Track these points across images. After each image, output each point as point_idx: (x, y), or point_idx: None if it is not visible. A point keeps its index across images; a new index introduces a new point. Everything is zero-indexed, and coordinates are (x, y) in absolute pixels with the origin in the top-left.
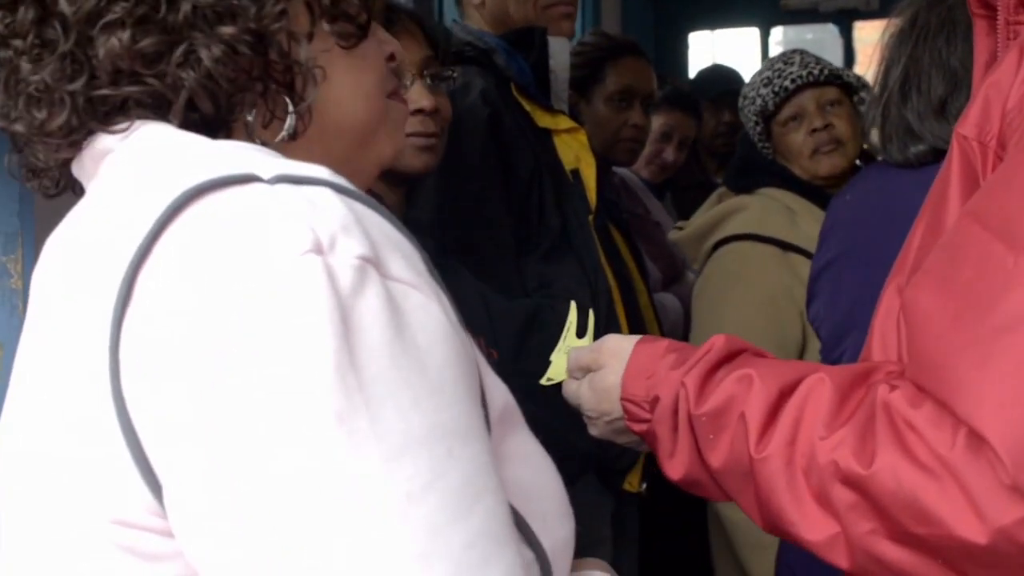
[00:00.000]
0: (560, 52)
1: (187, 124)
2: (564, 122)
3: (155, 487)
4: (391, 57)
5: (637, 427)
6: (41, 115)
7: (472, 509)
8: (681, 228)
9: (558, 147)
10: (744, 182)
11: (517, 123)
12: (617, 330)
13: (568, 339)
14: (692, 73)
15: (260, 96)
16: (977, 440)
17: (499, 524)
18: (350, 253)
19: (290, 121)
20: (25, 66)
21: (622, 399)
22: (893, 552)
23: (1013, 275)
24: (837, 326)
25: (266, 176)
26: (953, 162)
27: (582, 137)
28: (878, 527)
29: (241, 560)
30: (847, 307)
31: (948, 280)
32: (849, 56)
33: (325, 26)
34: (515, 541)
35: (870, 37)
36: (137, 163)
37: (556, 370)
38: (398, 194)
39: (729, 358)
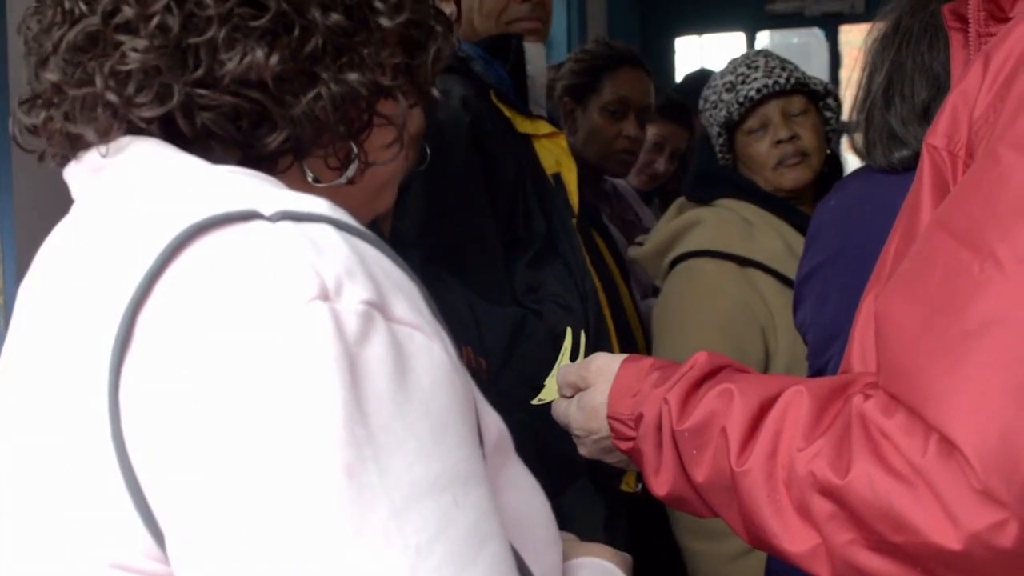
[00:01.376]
0: (536, 57)
1: (248, 157)
2: (544, 127)
3: (156, 533)
4: None
5: (623, 445)
6: (131, 91)
7: (479, 556)
8: (641, 244)
9: (539, 152)
10: (702, 192)
11: (498, 129)
12: (606, 333)
13: (562, 363)
14: (679, 78)
15: (336, 138)
16: (948, 446)
17: (504, 569)
18: (355, 299)
19: (352, 170)
20: (132, 43)
21: (608, 417)
22: (873, 561)
23: (979, 281)
24: (823, 331)
25: (267, 212)
26: (924, 172)
27: (562, 142)
28: (857, 537)
29: None
30: (833, 312)
31: (917, 288)
32: (835, 60)
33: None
34: None
35: (856, 40)
36: (137, 185)
37: (548, 392)
38: None
39: (711, 374)
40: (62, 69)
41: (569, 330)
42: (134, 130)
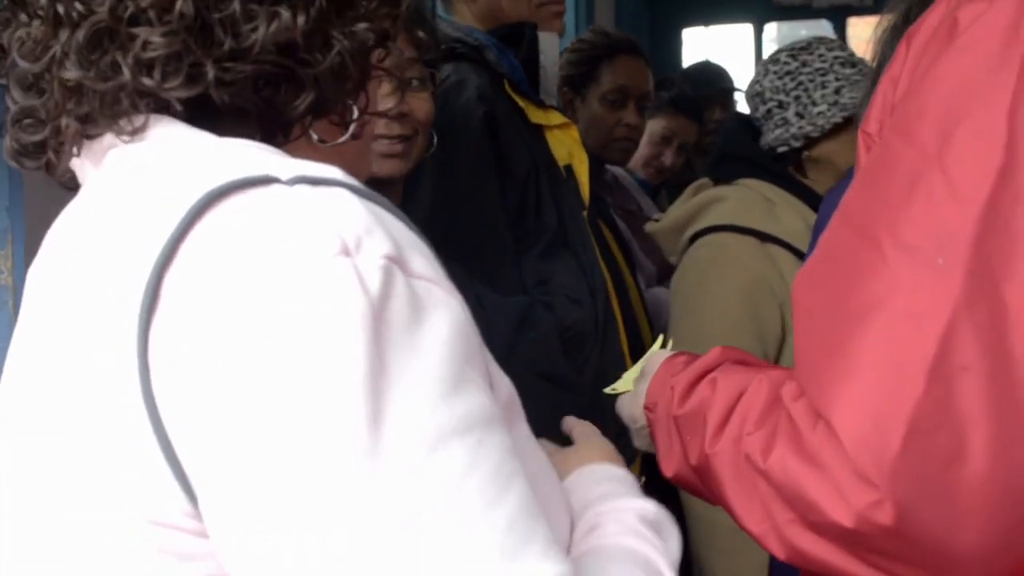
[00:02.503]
0: (550, 47)
1: (271, 124)
2: (556, 118)
3: (189, 490)
4: None
5: (651, 431)
6: (159, 75)
7: (507, 491)
8: (657, 220)
9: (551, 143)
10: (725, 171)
11: (511, 120)
12: (614, 325)
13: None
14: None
15: (345, 94)
16: (832, 429)
17: (531, 502)
18: (376, 253)
19: (353, 126)
20: (151, 31)
21: (644, 407)
22: (808, 541)
23: (863, 269)
24: None
25: (283, 177)
26: (860, 160)
27: (574, 133)
28: (795, 517)
29: (284, 562)
30: None
31: (816, 275)
32: None
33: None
34: (545, 516)
35: (864, 33)
36: (147, 160)
37: (623, 383)
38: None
39: (716, 366)
40: (79, 66)
41: (661, 336)
42: (157, 108)
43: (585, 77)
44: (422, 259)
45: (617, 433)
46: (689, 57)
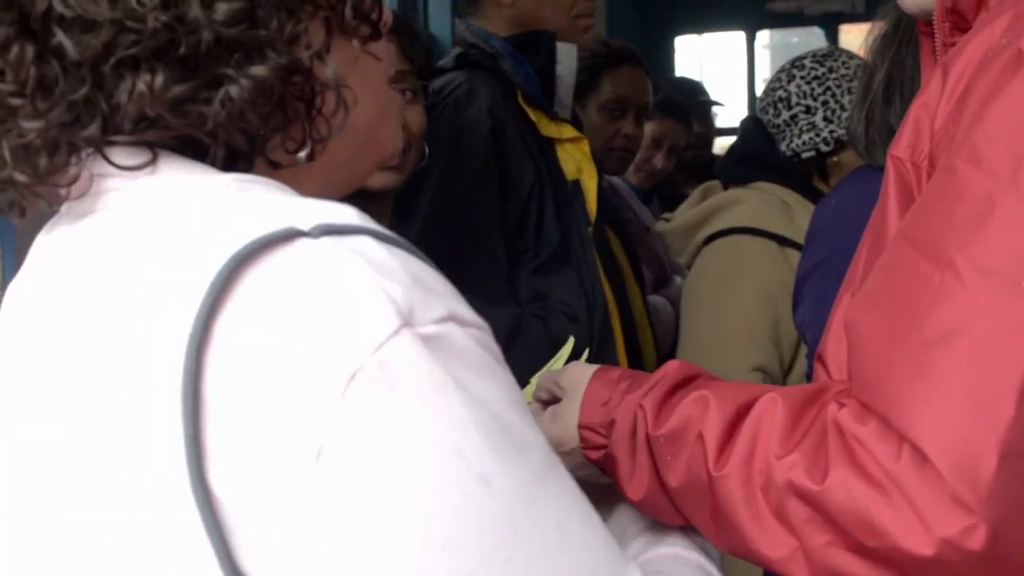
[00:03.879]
0: (567, 57)
1: (213, 161)
2: (568, 131)
3: (231, 570)
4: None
5: (594, 454)
6: (43, 163)
7: (552, 473)
8: (668, 220)
9: (560, 157)
10: (742, 173)
11: (520, 134)
12: (612, 343)
13: (552, 365)
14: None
15: (286, 123)
16: (920, 454)
17: (572, 484)
18: (431, 317)
19: (308, 147)
20: (23, 111)
21: (580, 426)
22: (850, 564)
23: (939, 292)
24: (823, 331)
25: (304, 227)
26: (890, 183)
27: (585, 147)
28: (834, 539)
29: None
30: (832, 311)
31: (882, 299)
32: None
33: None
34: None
35: (856, 40)
36: (144, 211)
37: (527, 393)
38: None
39: (685, 382)
40: None
41: (572, 339)
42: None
43: (585, 86)
44: (462, 303)
45: None
46: (681, 65)
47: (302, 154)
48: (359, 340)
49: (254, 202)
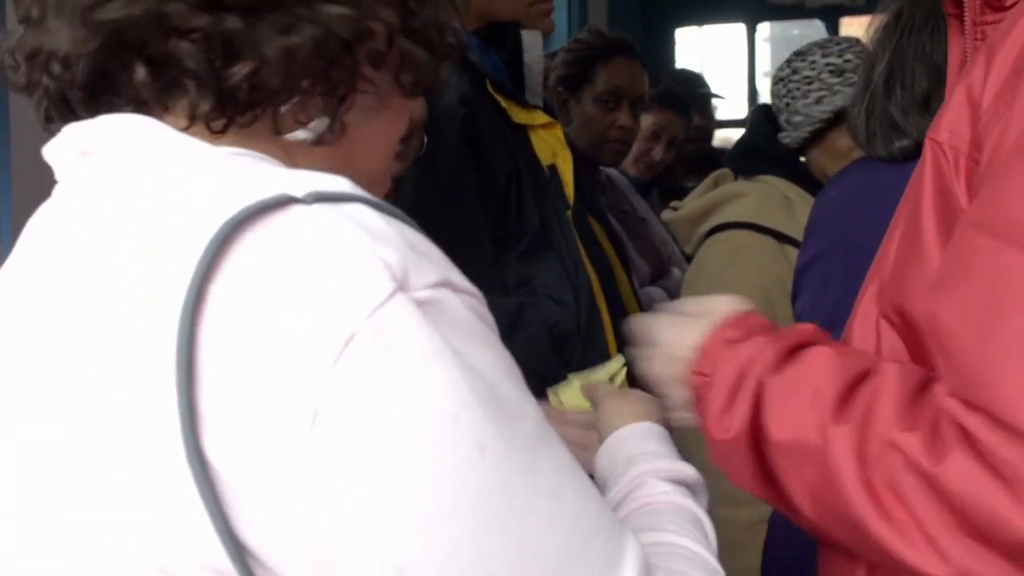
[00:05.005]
0: (533, 45)
1: (220, 98)
2: (540, 117)
3: (231, 543)
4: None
5: (697, 379)
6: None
7: (545, 442)
8: (675, 208)
9: (535, 143)
10: (748, 165)
11: (493, 122)
12: (600, 325)
13: (594, 377)
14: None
15: (308, 94)
16: None
17: (567, 453)
18: (425, 281)
19: (320, 125)
20: None
21: (699, 348)
22: (959, 544)
23: None
24: (822, 321)
25: (297, 193)
26: (926, 167)
27: (558, 132)
28: (947, 519)
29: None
30: (832, 303)
31: (965, 294)
32: None
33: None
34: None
35: (857, 33)
36: (133, 174)
37: (570, 397)
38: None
39: (814, 341)
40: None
41: (622, 358)
42: (109, 97)
43: (580, 77)
44: (455, 269)
45: None
46: (682, 57)
47: (307, 131)
48: (354, 305)
49: (247, 171)
